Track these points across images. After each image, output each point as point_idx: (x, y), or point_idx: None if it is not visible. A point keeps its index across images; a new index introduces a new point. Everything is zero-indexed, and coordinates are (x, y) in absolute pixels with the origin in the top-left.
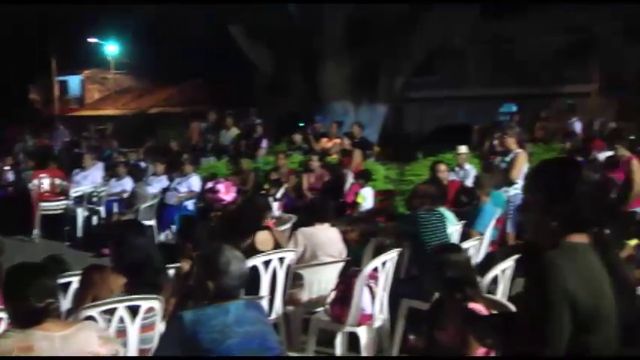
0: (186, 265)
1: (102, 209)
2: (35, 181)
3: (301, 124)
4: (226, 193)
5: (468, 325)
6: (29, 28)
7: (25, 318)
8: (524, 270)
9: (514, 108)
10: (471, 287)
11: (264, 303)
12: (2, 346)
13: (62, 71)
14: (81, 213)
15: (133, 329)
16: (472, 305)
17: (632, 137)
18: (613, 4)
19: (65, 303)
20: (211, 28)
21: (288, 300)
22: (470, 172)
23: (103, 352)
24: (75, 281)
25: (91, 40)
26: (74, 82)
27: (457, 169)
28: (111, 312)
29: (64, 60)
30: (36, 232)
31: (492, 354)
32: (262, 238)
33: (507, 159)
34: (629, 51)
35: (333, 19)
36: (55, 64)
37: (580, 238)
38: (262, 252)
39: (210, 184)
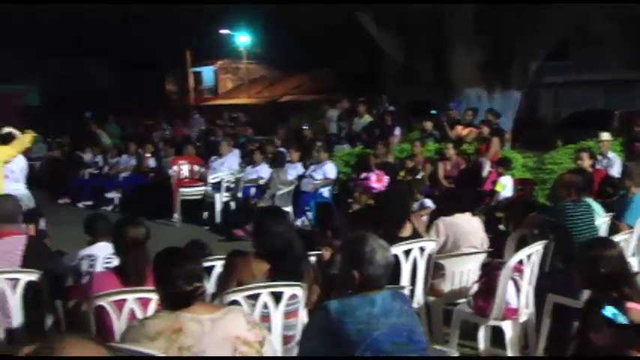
0: (326, 253)
1: (240, 195)
2: (175, 168)
3: (433, 112)
4: (377, 181)
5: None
6: (164, 23)
7: (175, 301)
8: None
9: None
10: (627, 285)
11: (406, 293)
12: (154, 326)
13: (196, 63)
14: (219, 198)
15: (277, 315)
16: (631, 305)
17: None
18: None
19: (209, 287)
20: (340, 15)
21: (430, 290)
22: (613, 161)
23: (251, 336)
24: (218, 265)
25: (223, 31)
26: (208, 72)
27: (600, 157)
28: (254, 297)
29: (198, 52)
30: (176, 216)
31: None
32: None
33: None
34: None
35: (463, 3)
36: (189, 56)
37: None
38: (402, 238)
39: (363, 175)
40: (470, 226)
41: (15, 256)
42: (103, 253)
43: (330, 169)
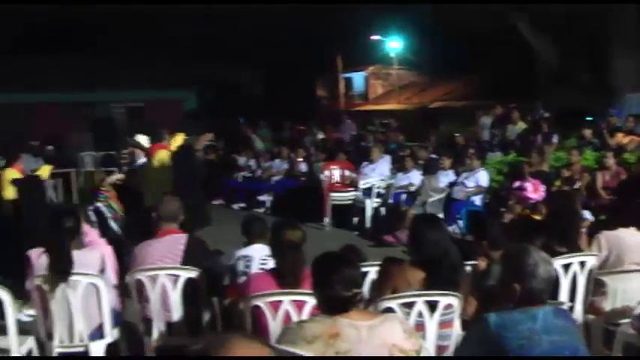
0: (482, 264)
1: (390, 201)
2: (326, 172)
3: (589, 118)
4: (534, 191)
5: None
6: (316, 29)
7: (333, 305)
8: None
9: None
10: None
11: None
12: (312, 330)
13: (347, 68)
14: (370, 204)
15: (432, 324)
16: None
17: None
18: None
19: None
20: (491, 20)
21: (589, 308)
22: None
23: (408, 345)
24: (372, 272)
25: (374, 37)
26: (358, 78)
27: None
28: (409, 305)
29: (348, 57)
30: (327, 220)
31: None
32: None
33: None
34: None
35: (624, 4)
36: (340, 61)
37: None
38: (561, 252)
39: (517, 183)
40: (635, 242)
41: (176, 254)
42: (258, 255)
43: (482, 177)
